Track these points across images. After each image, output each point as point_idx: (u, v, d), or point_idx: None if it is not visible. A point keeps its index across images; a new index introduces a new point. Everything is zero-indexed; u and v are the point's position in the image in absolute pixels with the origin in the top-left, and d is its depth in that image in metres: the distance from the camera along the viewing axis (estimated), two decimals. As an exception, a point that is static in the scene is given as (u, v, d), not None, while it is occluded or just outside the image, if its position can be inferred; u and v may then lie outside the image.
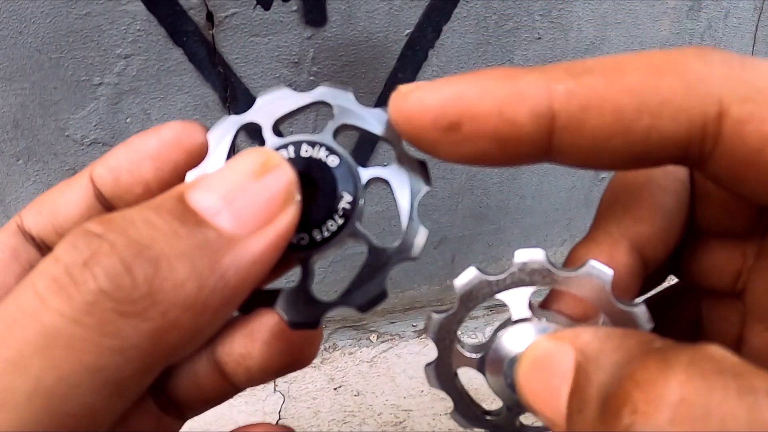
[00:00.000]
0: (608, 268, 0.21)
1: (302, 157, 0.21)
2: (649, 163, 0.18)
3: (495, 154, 0.18)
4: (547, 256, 0.21)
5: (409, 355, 1.03)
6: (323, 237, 0.21)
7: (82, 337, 0.16)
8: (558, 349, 0.18)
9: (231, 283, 0.18)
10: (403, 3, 0.69)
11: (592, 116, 0.17)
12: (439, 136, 0.18)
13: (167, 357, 0.18)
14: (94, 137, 0.73)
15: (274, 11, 0.67)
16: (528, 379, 0.19)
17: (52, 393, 0.16)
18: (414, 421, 0.97)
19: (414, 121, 0.19)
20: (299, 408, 0.98)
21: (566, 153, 0.18)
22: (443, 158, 0.19)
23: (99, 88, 0.69)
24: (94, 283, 0.16)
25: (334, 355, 1.03)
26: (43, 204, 0.23)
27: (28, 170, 0.75)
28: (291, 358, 0.23)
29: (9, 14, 0.62)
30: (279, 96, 0.22)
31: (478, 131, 0.18)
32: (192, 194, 0.18)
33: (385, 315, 1.04)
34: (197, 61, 0.69)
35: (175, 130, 0.22)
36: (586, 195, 0.93)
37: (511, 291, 0.22)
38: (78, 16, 0.63)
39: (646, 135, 0.17)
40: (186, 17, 0.66)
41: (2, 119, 0.69)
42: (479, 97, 0.18)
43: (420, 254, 0.21)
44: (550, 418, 0.18)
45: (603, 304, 0.21)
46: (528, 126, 0.17)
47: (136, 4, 0.63)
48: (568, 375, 0.17)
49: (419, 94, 0.18)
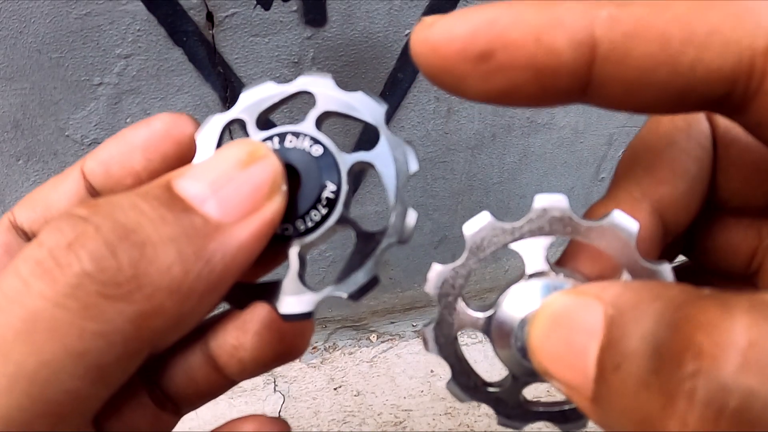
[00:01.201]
0: (634, 220, 0.19)
1: (287, 149, 0.21)
2: (692, 102, 0.17)
3: (529, 89, 0.17)
4: (569, 203, 0.19)
5: (409, 355, 1.03)
6: (307, 227, 0.21)
7: (65, 320, 0.16)
8: (581, 304, 0.16)
9: (217, 269, 0.18)
10: (403, 3, 0.69)
11: (637, 45, 0.16)
12: (469, 67, 0.17)
13: (151, 342, 0.18)
14: (94, 137, 0.73)
15: (274, 11, 0.67)
16: (544, 339, 0.17)
17: (34, 378, 0.16)
18: (414, 421, 0.97)
19: (440, 52, 0.17)
20: (299, 408, 0.98)
21: (607, 87, 0.17)
22: (471, 96, 0.17)
23: (99, 88, 0.69)
24: (78, 265, 0.16)
25: (334, 355, 1.03)
26: (34, 199, 0.23)
27: (28, 170, 0.75)
28: (283, 350, 0.23)
29: (9, 14, 0.62)
30: (262, 90, 0.23)
31: (512, 60, 0.16)
32: (179, 182, 0.19)
33: (385, 315, 1.04)
34: (197, 61, 0.69)
35: (165, 121, 0.22)
36: (586, 195, 0.93)
37: (527, 241, 0.20)
38: (78, 16, 0.63)
39: (692, 67, 0.16)
40: (186, 17, 0.66)
41: (2, 119, 0.69)
42: (514, 23, 0.16)
43: (409, 237, 0.21)
44: (572, 382, 0.16)
45: (626, 260, 0.19)
46: (567, 54, 0.16)
47: (136, 4, 0.63)
48: (597, 330, 0.15)
49: (447, 22, 0.17)
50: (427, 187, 0.88)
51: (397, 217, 0.21)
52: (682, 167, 0.22)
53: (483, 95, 0.17)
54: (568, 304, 0.16)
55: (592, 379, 0.15)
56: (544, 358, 0.17)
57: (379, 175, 0.22)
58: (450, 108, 0.80)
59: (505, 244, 0.20)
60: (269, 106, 0.23)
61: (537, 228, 0.20)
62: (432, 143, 0.83)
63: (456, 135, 0.82)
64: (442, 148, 0.83)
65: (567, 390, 0.16)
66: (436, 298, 0.21)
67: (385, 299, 1.01)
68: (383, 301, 1.02)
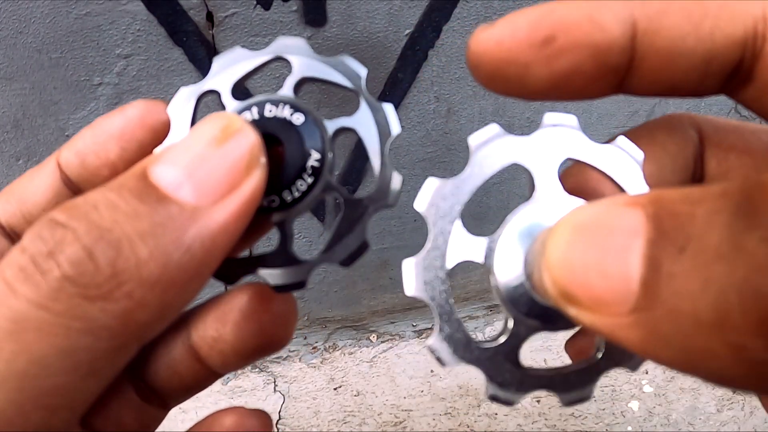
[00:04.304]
0: (639, 149, 0.19)
1: (267, 118, 0.21)
2: (714, 71, 0.19)
3: (588, 68, 0.19)
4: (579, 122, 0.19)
5: (409, 355, 1.03)
6: (294, 197, 0.21)
7: (51, 321, 0.17)
8: (613, 209, 0.14)
9: (197, 255, 0.18)
10: (403, 3, 0.69)
11: (667, 19, 0.19)
12: (534, 53, 0.19)
13: (138, 335, 0.18)
14: (94, 137, 0.73)
15: (274, 11, 0.67)
16: (568, 251, 0.14)
17: (25, 375, 0.17)
18: (414, 421, 0.97)
19: (506, 44, 0.19)
20: (299, 408, 0.98)
21: (646, 60, 0.19)
22: (534, 84, 0.19)
23: (99, 88, 0.69)
24: (58, 271, 0.17)
25: (334, 355, 1.03)
26: (11, 193, 0.23)
27: (28, 170, 0.75)
28: (264, 340, 0.23)
29: (9, 14, 0.62)
30: (234, 57, 0.22)
31: (572, 41, 0.19)
32: (154, 169, 0.18)
33: (385, 315, 1.04)
34: (197, 61, 0.69)
35: (139, 108, 0.22)
36: (586, 195, 0.93)
37: (537, 158, 0.18)
38: (78, 16, 0.63)
39: (712, 34, 0.19)
40: (186, 17, 0.66)
41: (2, 119, 0.69)
42: (570, 10, 0.19)
43: (396, 201, 0.21)
44: (605, 295, 0.13)
45: (632, 187, 0.18)
46: (616, 30, 0.18)
47: (136, 4, 0.63)
48: (639, 228, 0.13)
49: (508, 19, 0.19)
50: (427, 187, 0.88)
51: (382, 180, 0.21)
52: (669, 149, 0.23)
53: (547, 81, 0.19)
54: (597, 211, 0.14)
55: (637, 281, 0.13)
56: (566, 275, 0.14)
57: (362, 139, 0.21)
58: (450, 108, 0.80)
59: (512, 159, 0.18)
60: (243, 75, 0.22)
61: (546, 143, 0.18)
62: (432, 143, 0.83)
63: (456, 135, 0.82)
64: (442, 148, 0.83)
65: (594, 313, 0.14)
66: (427, 219, 0.18)
67: (385, 299, 1.01)
68: (383, 301, 1.02)
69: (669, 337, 0.13)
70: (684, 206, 0.13)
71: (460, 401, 0.97)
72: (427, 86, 0.77)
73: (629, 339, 0.13)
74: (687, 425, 0.97)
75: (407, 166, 0.85)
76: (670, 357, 0.13)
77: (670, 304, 0.13)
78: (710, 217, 0.13)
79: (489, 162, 0.18)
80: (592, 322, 0.14)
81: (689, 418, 0.97)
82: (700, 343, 0.12)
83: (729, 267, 0.12)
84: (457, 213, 0.18)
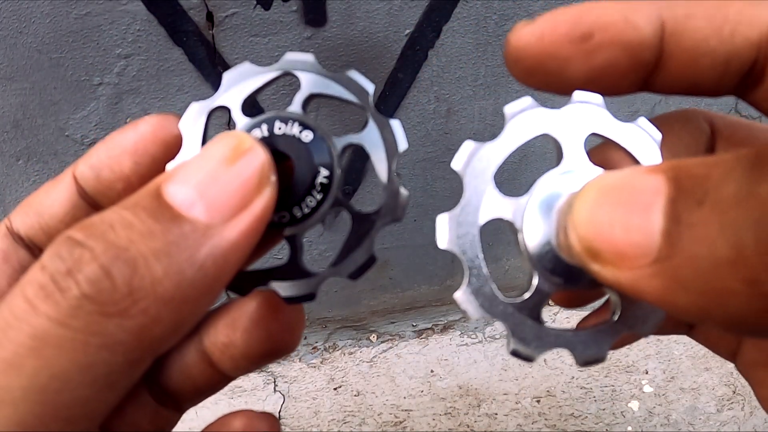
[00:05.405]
0: (658, 129, 0.21)
1: (276, 135, 0.21)
2: (734, 70, 0.21)
3: (622, 63, 0.20)
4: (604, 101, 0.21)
5: (409, 355, 1.03)
6: (304, 213, 0.21)
7: (71, 337, 0.17)
8: (637, 174, 0.15)
9: (210, 273, 0.18)
10: (403, 3, 0.69)
11: (692, 21, 0.20)
12: (573, 48, 0.20)
13: (153, 349, 0.19)
14: (94, 137, 0.73)
15: (274, 11, 0.67)
16: (594, 209, 0.16)
17: (47, 389, 0.17)
18: (414, 421, 0.97)
19: (547, 38, 0.20)
20: (299, 408, 0.98)
21: (673, 58, 0.21)
22: (572, 77, 0.21)
23: (99, 88, 0.69)
24: (77, 289, 0.17)
25: (334, 355, 1.03)
26: (29, 205, 0.24)
27: (28, 170, 0.75)
28: (272, 346, 0.24)
29: (9, 14, 0.62)
30: (243, 73, 0.22)
31: (608, 38, 0.20)
32: (167, 188, 0.19)
33: (385, 315, 1.04)
34: (197, 61, 0.69)
35: (151, 123, 0.23)
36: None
37: (565, 129, 0.20)
38: (78, 16, 0.63)
39: (732, 36, 0.20)
40: (186, 17, 0.66)
41: (2, 119, 0.69)
42: (606, 9, 0.20)
43: (403, 215, 0.21)
44: (628, 249, 0.15)
45: (651, 162, 0.20)
46: (647, 29, 0.20)
47: (136, 4, 0.63)
48: (661, 188, 0.15)
49: (548, 15, 0.21)
50: (427, 187, 0.88)
51: (390, 196, 0.21)
52: (684, 139, 0.24)
53: (584, 75, 0.21)
54: (622, 175, 0.16)
55: (659, 232, 0.14)
56: (591, 232, 0.16)
57: (370, 156, 0.22)
58: (450, 108, 0.80)
59: (545, 129, 0.20)
60: (253, 91, 0.22)
61: (574, 117, 0.20)
62: (432, 143, 0.83)
63: (456, 135, 0.82)
64: (442, 148, 0.83)
65: (616, 268, 0.15)
66: (463, 178, 0.19)
67: (385, 299, 1.01)
68: (383, 301, 1.02)
69: (688, 282, 0.14)
70: (701, 168, 0.14)
71: (460, 401, 0.97)
72: (427, 86, 0.77)
73: (650, 288, 0.15)
74: (687, 425, 0.97)
75: (407, 166, 0.85)
76: (688, 302, 0.14)
77: (690, 251, 0.14)
78: (726, 173, 0.14)
79: (521, 130, 0.20)
80: (615, 277, 0.15)
81: (689, 418, 0.97)
82: (718, 283, 0.13)
83: (744, 211, 0.13)
84: (491, 174, 0.19)
